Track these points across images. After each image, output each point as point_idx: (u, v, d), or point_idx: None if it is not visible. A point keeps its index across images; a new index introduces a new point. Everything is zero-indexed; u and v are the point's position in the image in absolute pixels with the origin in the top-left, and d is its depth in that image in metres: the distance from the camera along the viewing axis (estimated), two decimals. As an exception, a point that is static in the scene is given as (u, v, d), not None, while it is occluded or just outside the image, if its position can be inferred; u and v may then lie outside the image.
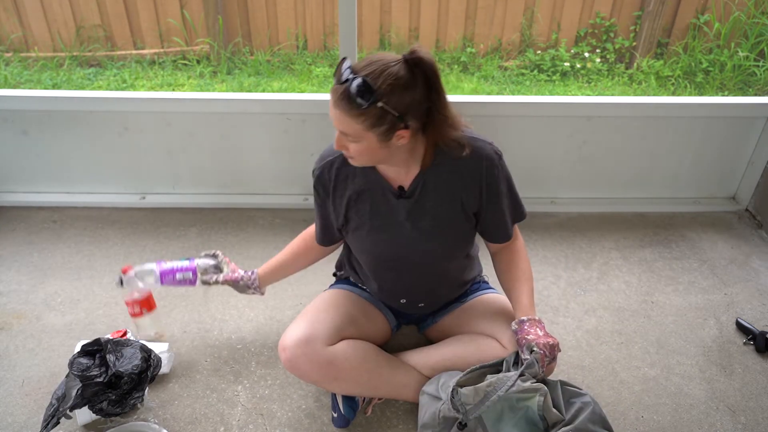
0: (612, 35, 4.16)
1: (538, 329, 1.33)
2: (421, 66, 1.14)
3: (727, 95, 3.72)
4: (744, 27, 3.88)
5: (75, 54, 4.05)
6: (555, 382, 1.32)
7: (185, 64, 4.09)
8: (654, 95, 3.79)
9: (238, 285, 1.61)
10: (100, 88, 3.77)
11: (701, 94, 3.77)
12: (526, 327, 1.33)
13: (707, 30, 3.96)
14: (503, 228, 1.41)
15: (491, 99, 2.25)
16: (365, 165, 1.29)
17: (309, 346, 1.36)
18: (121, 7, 4.00)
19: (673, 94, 3.81)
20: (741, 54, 3.80)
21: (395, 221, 1.36)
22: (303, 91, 3.76)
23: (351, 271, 1.59)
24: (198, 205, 2.34)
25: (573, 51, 4.18)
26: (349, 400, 1.47)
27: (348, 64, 1.16)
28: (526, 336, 1.31)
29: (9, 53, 4.03)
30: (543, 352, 1.27)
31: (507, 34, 4.17)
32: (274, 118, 2.17)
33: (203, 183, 2.33)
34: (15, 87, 3.72)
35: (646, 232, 2.27)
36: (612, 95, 3.80)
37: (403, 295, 1.51)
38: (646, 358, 1.71)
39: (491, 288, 1.61)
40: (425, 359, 1.50)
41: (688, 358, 1.71)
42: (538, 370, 1.26)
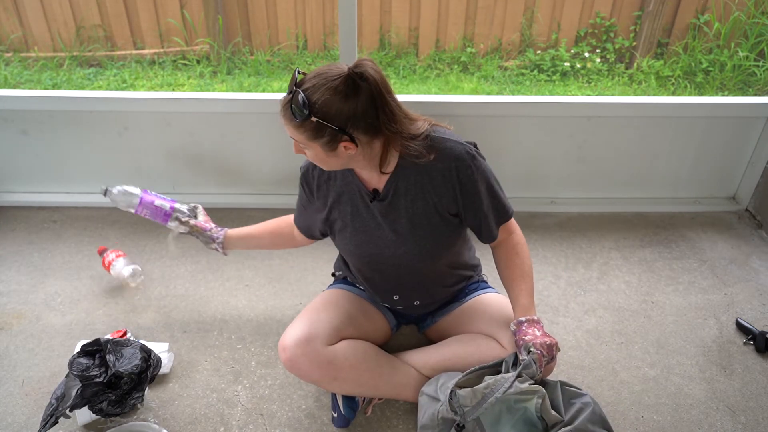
0: (612, 35, 4.16)
1: (535, 329, 1.33)
2: (366, 81, 1.16)
3: (727, 95, 3.72)
4: (744, 27, 3.88)
5: (75, 54, 4.05)
6: (555, 382, 1.32)
7: (185, 64, 4.09)
8: (654, 95, 3.79)
9: (203, 234, 1.68)
10: (100, 88, 3.77)
11: (701, 94, 3.77)
12: (524, 327, 1.33)
13: (707, 30, 3.96)
14: (486, 229, 1.39)
15: (491, 99, 2.24)
16: (330, 169, 1.34)
17: (309, 345, 1.36)
18: (121, 7, 4.00)
19: (673, 94, 3.81)
20: (741, 54, 3.80)
21: (375, 223, 1.37)
22: (303, 91, 3.75)
23: (347, 271, 1.59)
24: (198, 205, 2.34)
25: (573, 51, 4.18)
26: (349, 400, 1.47)
27: (296, 76, 1.20)
28: (523, 337, 1.31)
29: (9, 53, 4.03)
30: (540, 352, 1.27)
31: (507, 34, 4.17)
32: (274, 118, 2.12)
33: (203, 183, 2.33)
34: (15, 87, 3.72)
35: (646, 232, 2.27)
36: (612, 95, 3.80)
37: (395, 293, 1.51)
38: (646, 358, 1.71)
39: (491, 287, 1.60)
40: (425, 359, 1.50)
41: (688, 358, 1.71)
42: (535, 370, 1.25)
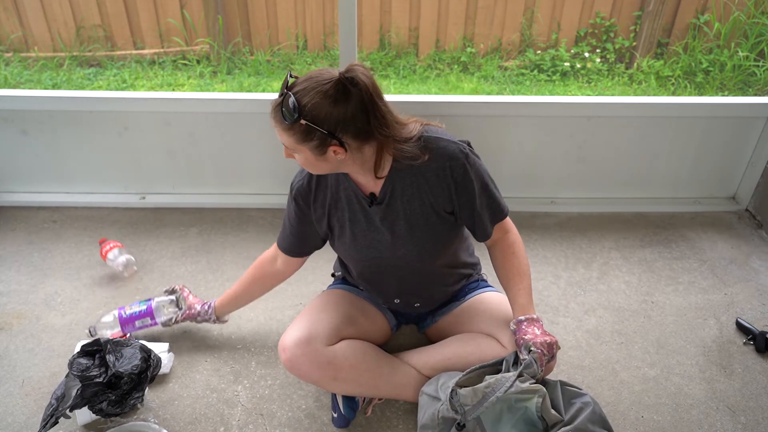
0: (612, 35, 4.16)
1: (535, 328, 1.32)
2: (356, 86, 1.16)
3: (727, 95, 3.72)
4: (744, 27, 3.88)
5: (75, 54, 4.05)
6: (555, 382, 1.32)
7: (185, 64, 4.09)
8: (654, 95, 3.78)
9: (196, 320, 1.68)
10: (100, 88, 3.77)
11: (701, 94, 3.77)
12: (523, 327, 1.33)
13: (707, 30, 3.96)
14: (480, 227, 1.39)
15: (491, 99, 2.24)
16: (319, 173, 1.34)
17: (309, 346, 1.36)
18: (121, 7, 4.00)
19: (673, 94, 3.81)
20: (741, 54, 3.80)
21: (373, 227, 1.37)
22: (303, 91, 3.75)
23: (346, 273, 1.60)
24: (198, 205, 2.34)
25: (573, 51, 4.18)
26: (349, 400, 1.47)
27: (288, 79, 1.20)
28: (523, 336, 1.31)
29: (9, 53, 4.03)
30: (541, 351, 1.27)
31: (507, 34, 4.17)
32: (274, 118, 2.16)
33: (203, 183, 2.33)
34: (15, 87, 3.72)
35: (646, 232, 2.27)
36: (612, 95, 3.80)
37: (396, 296, 1.52)
38: (646, 358, 1.71)
39: (490, 286, 1.60)
40: (425, 359, 1.50)
41: (688, 358, 1.71)
42: (536, 369, 1.25)
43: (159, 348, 1.63)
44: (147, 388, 1.47)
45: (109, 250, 1.99)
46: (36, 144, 2.22)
